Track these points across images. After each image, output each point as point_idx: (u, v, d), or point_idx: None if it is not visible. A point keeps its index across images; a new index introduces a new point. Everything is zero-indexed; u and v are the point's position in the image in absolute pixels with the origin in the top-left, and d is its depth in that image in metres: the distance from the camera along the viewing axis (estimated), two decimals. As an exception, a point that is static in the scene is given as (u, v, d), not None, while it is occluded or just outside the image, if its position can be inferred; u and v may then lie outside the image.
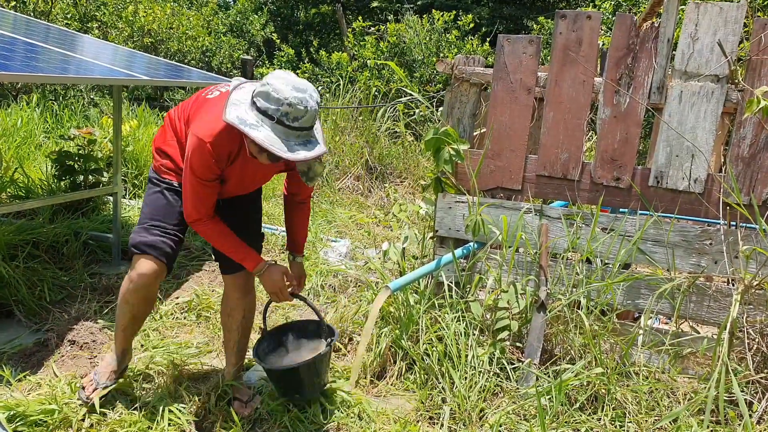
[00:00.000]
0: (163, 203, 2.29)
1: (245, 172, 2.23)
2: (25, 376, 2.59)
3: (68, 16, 9.82)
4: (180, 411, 2.32)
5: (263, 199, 5.82)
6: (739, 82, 2.58)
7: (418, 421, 2.41)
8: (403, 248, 3.42)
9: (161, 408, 2.31)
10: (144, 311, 2.38)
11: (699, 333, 2.68)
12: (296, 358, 2.49)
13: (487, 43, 9.24)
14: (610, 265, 2.74)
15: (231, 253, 2.26)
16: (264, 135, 1.92)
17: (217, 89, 2.29)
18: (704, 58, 2.59)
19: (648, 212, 2.74)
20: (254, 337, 2.66)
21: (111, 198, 4.41)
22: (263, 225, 4.91)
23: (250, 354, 2.89)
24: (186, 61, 11.06)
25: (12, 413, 2.20)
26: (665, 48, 2.65)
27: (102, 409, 2.31)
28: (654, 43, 2.66)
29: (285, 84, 1.93)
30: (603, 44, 4.86)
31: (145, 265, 2.23)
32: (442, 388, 2.52)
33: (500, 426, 2.30)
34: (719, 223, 2.64)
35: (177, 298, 3.53)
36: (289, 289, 2.36)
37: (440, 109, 3.36)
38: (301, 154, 1.95)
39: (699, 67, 2.61)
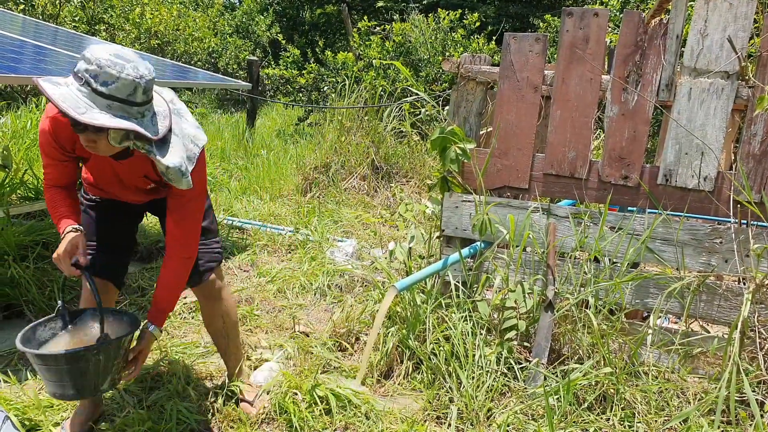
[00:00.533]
0: (88, 221, 2.22)
1: (103, 166, 2.06)
2: (36, 376, 2.60)
3: (76, 18, 9.87)
4: (188, 410, 2.33)
5: (272, 200, 5.83)
6: (750, 79, 2.56)
7: (425, 421, 2.40)
8: (410, 248, 3.41)
9: (169, 407, 2.31)
10: None
11: (709, 332, 2.66)
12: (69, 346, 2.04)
13: (493, 42, 9.21)
14: (619, 264, 2.72)
15: (54, 220, 2.06)
16: (61, 92, 1.68)
17: None
18: (714, 54, 2.57)
19: (657, 211, 2.72)
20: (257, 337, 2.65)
21: (118, 199, 4.41)
22: (270, 225, 4.92)
23: (256, 354, 2.89)
24: (192, 62, 11.09)
25: (23, 414, 2.21)
26: (674, 45, 2.62)
27: (110, 408, 2.32)
28: (662, 40, 2.64)
29: (105, 51, 1.72)
30: (611, 42, 4.84)
31: (85, 283, 2.20)
32: (450, 387, 2.51)
33: (508, 426, 2.29)
34: (730, 222, 2.61)
35: (185, 298, 3.54)
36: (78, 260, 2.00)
37: (446, 108, 3.36)
38: (98, 119, 1.66)
39: (708, 64, 2.59)
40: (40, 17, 8.95)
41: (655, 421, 2.30)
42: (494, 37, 9.44)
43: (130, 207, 2.32)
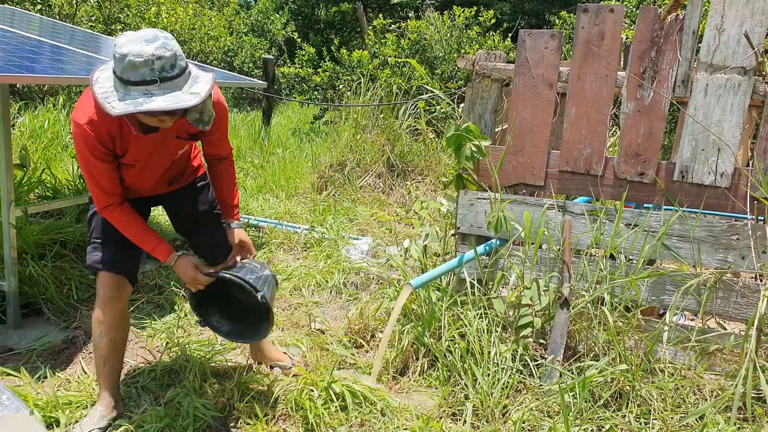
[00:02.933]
0: (105, 220, 2.25)
1: (141, 153, 2.14)
2: (54, 373, 2.65)
3: (92, 18, 9.98)
4: (204, 407, 2.35)
5: (288, 198, 5.86)
6: (767, 74, 2.53)
7: (440, 418, 2.41)
8: (425, 245, 3.41)
9: (186, 404, 2.34)
10: (120, 334, 2.32)
11: (726, 329, 2.64)
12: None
13: (508, 39, 9.17)
14: (634, 261, 2.70)
15: (142, 243, 2.20)
16: (164, 100, 1.82)
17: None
18: (730, 50, 2.55)
19: (673, 207, 2.70)
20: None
21: (136, 197, 4.46)
22: (286, 223, 4.95)
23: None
24: (208, 61, 11.17)
25: (42, 411, 2.26)
26: (690, 40, 2.60)
27: (128, 404, 2.35)
28: (679, 36, 2.61)
29: (124, 41, 1.83)
30: (626, 38, 4.80)
31: (104, 281, 2.26)
32: (465, 384, 2.51)
33: (523, 423, 2.29)
34: (746, 218, 2.59)
35: (201, 295, 3.57)
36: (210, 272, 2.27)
37: (461, 105, 3.35)
38: (156, 104, 1.81)
39: (725, 60, 2.56)
40: (57, 17, 9.06)
41: (672, 418, 2.29)
42: (510, 34, 9.41)
43: (143, 203, 2.39)
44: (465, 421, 2.34)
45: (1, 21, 4.12)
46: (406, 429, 2.30)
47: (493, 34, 9.05)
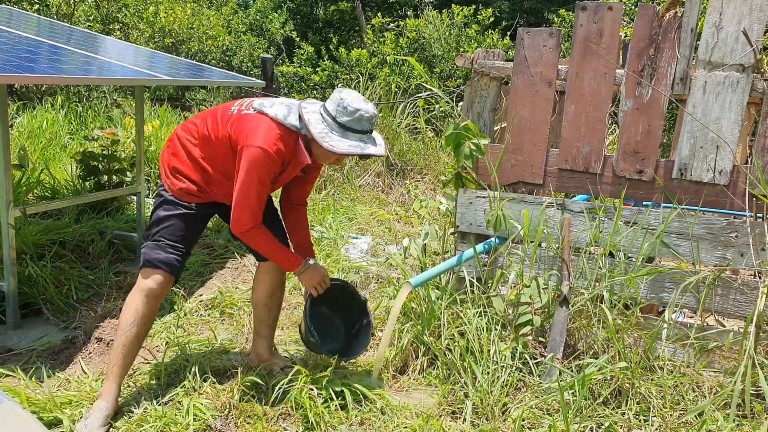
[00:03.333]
0: (181, 226, 2.43)
1: (282, 178, 2.46)
2: (54, 373, 2.65)
3: (90, 18, 9.97)
4: (205, 406, 2.35)
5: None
6: (765, 71, 2.53)
7: (440, 416, 2.41)
8: (424, 244, 3.42)
9: (186, 403, 2.34)
10: (147, 327, 2.43)
11: (725, 326, 2.64)
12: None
13: (507, 38, 9.17)
14: (634, 259, 2.71)
15: (278, 257, 2.47)
16: (378, 148, 2.33)
17: (249, 107, 2.39)
18: (729, 47, 2.55)
19: (672, 205, 2.70)
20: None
21: (134, 197, 4.47)
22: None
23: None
24: (207, 60, 11.16)
25: (42, 410, 2.26)
26: (689, 38, 2.60)
27: (128, 404, 2.35)
28: (677, 33, 2.62)
29: (353, 98, 2.30)
30: (625, 36, 4.80)
31: (158, 279, 2.38)
32: (465, 383, 2.51)
33: (523, 420, 2.29)
34: (745, 215, 2.59)
35: (201, 295, 3.57)
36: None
37: (460, 104, 3.35)
38: (373, 149, 2.33)
39: (723, 57, 2.56)
40: (55, 17, 9.04)
41: (671, 415, 2.29)
42: (509, 33, 9.41)
43: (212, 211, 2.59)
44: (465, 419, 2.34)
45: (-1, 21, 4.11)
46: (405, 427, 2.30)
47: (491, 33, 9.05)
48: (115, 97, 9.28)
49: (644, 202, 2.88)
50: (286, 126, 2.33)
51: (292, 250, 2.60)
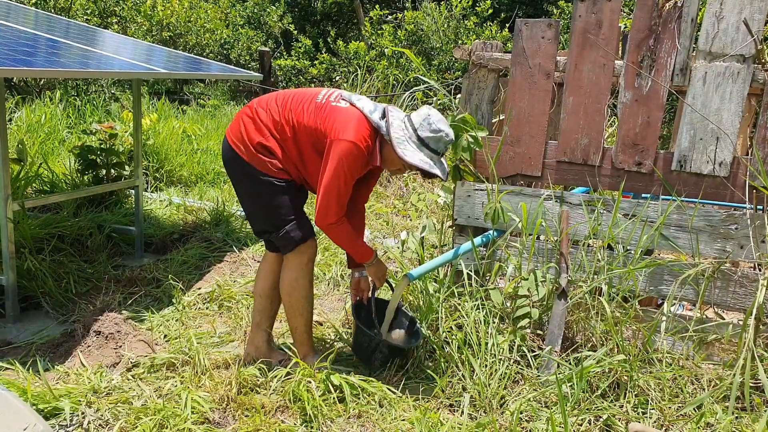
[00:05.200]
0: (292, 199, 2.53)
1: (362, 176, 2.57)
2: (53, 366, 2.65)
3: (88, 11, 9.93)
4: (203, 399, 2.35)
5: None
6: (766, 62, 2.52)
7: (438, 409, 2.41)
8: (422, 237, 3.41)
9: (185, 396, 2.34)
10: (312, 290, 2.67)
11: (724, 319, 2.64)
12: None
13: (506, 30, 9.14)
14: (632, 252, 2.70)
15: (356, 250, 2.56)
16: (436, 169, 2.39)
17: (339, 99, 2.47)
18: (729, 37, 2.53)
19: (671, 197, 2.69)
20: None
21: (133, 191, 4.46)
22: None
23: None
24: (205, 54, 11.13)
25: (41, 401, 2.25)
26: (689, 28, 2.59)
27: (127, 397, 2.35)
28: (677, 24, 2.60)
29: (439, 118, 2.41)
30: (624, 26, 4.77)
31: (311, 249, 2.59)
32: (462, 375, 2.51)
33: (521, 413, 2.29)
34: (745, 207, 2.58)
35: (199, 288, 3.57)
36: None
37: (458, 96, 3.34)
38: (439, 171, 2.42)
39: (724, 47, 2.55)
40: (52, 10, 9.00)
41: (669, 407, 2.29)
42: (507, 25, 9.37)
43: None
44: (462, 412, 2.34)
45: (-4, 14, 4.09)
46: (403, 420, 2.30)
47: (490, 25, 9.01)
48: (113, 91, 9.25)
49: (643, 195, 2.87)
50: (371, 123, 2.41)
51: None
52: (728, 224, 2.59)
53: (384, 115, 2.44)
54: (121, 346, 2.86)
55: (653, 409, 2.29)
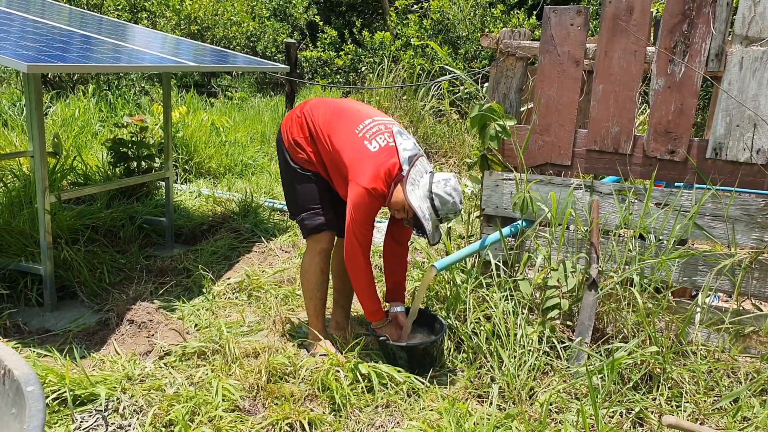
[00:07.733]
0: (318, 190, 2.67)
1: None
2: (89, 353, 2.71)
3: (119, 7, 10.07)
4: (233, 387, 2.39)
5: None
6: (805, 46, 2.44)
7: (466, 399, 2.41)
8: (449, 228, 3.39)
9: (216, 384, 2.38)
10: (327, 277, 2.78)
11: (762, 311, 2.58)
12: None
13: (533, 17, 9.00)
14: (665, 242, 2.65)
15: (367, 301, 2.60)
16: (428, 226, 2.42)
17: (375, 138, 2.53)
18: (767, 21, 2.45)
19: (705, 186, 2.63)
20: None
21: (163, 183, 4.53)
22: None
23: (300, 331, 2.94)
24: (231, 46, 11.21)
25: (77, 387, 2.31)
26: (724, 12, 2.51)
27: (159, 384, 2.40)
28: (712, 8, 2.53)
29: (460, 201, 2.45)
30: (656, 12, 4.66)
31: (325, 240, 2.69)
32: (491, 366, 2.50)
33: (550, 404, 2.27)
34: (783, 196, 2.51)
35: (229, 278, 3.61)
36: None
37: (485, 85, 3.31)
38: (437, 236, 2.50)
39: (761, 31, 2.47)
40: (85, 7, 9.15)
41: (704, 401, 2.25)
42: (535, 12, 9.23)
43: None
44: (491, 403, 2.33)
45: (33, 12, 4.17)
46: (431, 410, 2.30)
47: (517, 12, 8.89)
48: (143, 85, 9.38)
49: (676, 183, 2.81)
50: (399, 160, 2.49)
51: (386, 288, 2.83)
52: (766, 213, 2.52)
53: (413, 159, 2.51)
54: (153, 335, 2.91)
55: (687, 402, 2.25)
